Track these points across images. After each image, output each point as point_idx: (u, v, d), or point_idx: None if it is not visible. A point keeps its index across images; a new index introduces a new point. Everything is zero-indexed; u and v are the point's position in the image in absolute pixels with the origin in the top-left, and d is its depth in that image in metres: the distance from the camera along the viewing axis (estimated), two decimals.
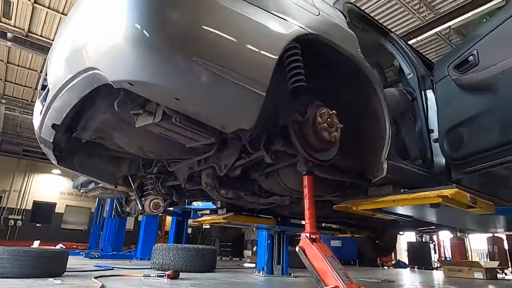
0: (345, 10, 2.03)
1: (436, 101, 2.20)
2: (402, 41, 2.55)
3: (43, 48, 7.72)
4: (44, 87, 1.66)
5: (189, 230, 12.04)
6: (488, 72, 1.82)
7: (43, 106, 1.64)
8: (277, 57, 1.34)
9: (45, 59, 4.26)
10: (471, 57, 1.89)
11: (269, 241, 4.87)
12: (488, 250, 9.03)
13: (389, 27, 2.51)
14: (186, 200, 3.14)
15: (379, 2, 6.56)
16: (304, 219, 1.66)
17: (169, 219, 10.60)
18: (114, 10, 1.19)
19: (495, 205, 1.94)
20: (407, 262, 10.25)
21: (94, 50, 1.22)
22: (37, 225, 15.41)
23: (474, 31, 1.92)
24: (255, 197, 2.39)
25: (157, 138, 1.66)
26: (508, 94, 1.76)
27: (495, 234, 7.62)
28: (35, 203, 15.88)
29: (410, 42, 2.46)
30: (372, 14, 4.36)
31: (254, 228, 4.94)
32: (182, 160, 2.08)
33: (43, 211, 15.82)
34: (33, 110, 1.93)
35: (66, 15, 6.62)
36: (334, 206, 2.13)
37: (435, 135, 2.20)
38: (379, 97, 1.82)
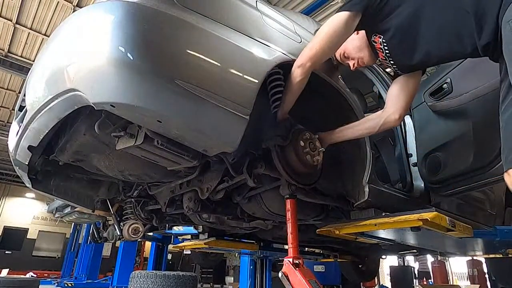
0: None
1: (414, 126, 2.28)
2: (380, 68, 2.66)
3: (23, 68, 7.60)
4: (21, 108, 1.62)
5: (169, 256, 11.67)
6: (461, 100, 1.90)
7: (19, 127, 1.60)
8: (260, 81, 1.37)
9: (24, 80, 4.18)
10: (445, 84, 1.99)
11: (251, 267, 4.77)
12: (468, 273, 9.12)
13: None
14: (167, 225, 3.05)
15: None
16: (287, 244, 1.64)
17: (148, 244, 10.26)
18: (98, 32, 1.19)
19: (473, 228, 1.98)
20: (390, 287, 10.19)
21: (76, 71, 1.21)
22: (6, 252, 14.55)
23: None
24: (238, 221, 2.35)
25: (138, 161, 1.63)
26: (479, 120, 1.84)
27: (475, 258, 7.72)
28: (5, 228, 15.08)
29: (387, 70, 2.56)
30: None
31: (237, 254, 4.84)
32: (163, 183, 2.04)
33: (13, 237, 15.01)
34: (8, 132, 1.87)
35: (48, 36, 6.58)
36: (317, 230, 2.12)
37: (414, 159, 2.25)
38: None
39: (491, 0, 1.18)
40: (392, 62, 1.51)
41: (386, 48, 1.47)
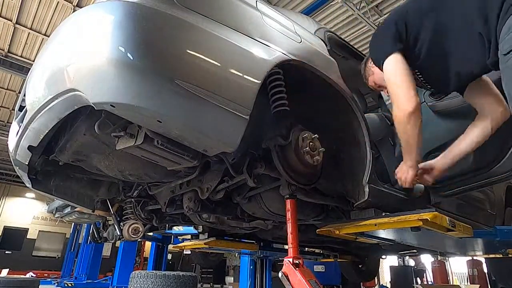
0: (325, 38, 2.11)
1: None
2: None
3: (23, 68, 7.61)
4: (21, 108, 1.62)
5: (169, 256, 11.67)
6: (461, 100, 1.90)
7: (19, 127, 1.60)
8: (261, 81, 1.37)
9: (24, 80, 4.18)
10: None
11: (251, 267, 4.77)
12: (468, 274, 9.11)
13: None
14: (167, 225, 3.05)
15: (359, 31, 6.86)
16: (287, 244, 1.64)
17: (148, 244, 10.25)
18: (98, 32, 1.19)
19: (473, 228, 1.98)
20: (389, 287, 10.19)
21: (76, 71, 1.21)
22: (6, 252, 14.55)
23: None
24: (238, 221, 2.35)
25: (138, 161, 1.63)
26: None
27: (474, 258, 7.71)
28: (5, 228, 15.07)
29: None
30: (352, 43, 4.55)
31: (237, 254, 4.84)
32: (163, 183, 2.04)
33: (13, 237, 15.01)
34: (8, 132, 1.87)
35: (48, 36, 6.58)
36: (317, 230, 2.12)
37: None
38: (360, 122, 1.87)
39: (493, 22, 1.33)
40: (429, 87, 1.74)
41: (420, 76, 1.65)
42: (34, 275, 8.81)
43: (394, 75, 1.60)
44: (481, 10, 1.38)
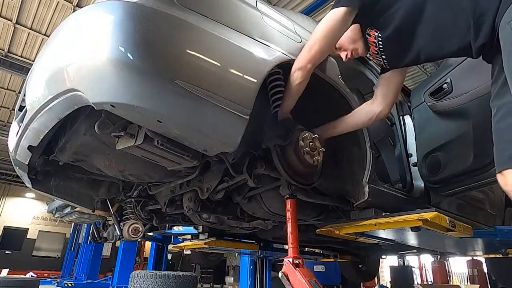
0: None
1: (414, 126, 2.28)
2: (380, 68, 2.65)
3: (23, 68, 7.60)
4: (21, 108, 1.62)
5: (169, 256, 11.66)
6: (461, 100, 1.90)
7: (19, 127, 1.60)
8: (261, 81, 1.37)
9: (24, 80, 4.18)
10: (445, 84, 1.99)
11: (251, 267, 4.77)
12: (468, 274, 9.11)
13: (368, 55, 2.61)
14: (167, 225, 3.05)
15: None
16: (287, 244, 1.64)
17: (148, 244, 10.26)
18: (98, 32, 1.19)
19: (473, 228, 1.98)
20: (389, 287, 10.19)
21: (76, 71, 1.21)
22: (6, 252, 14.54)
23: (447, 61, 2.02)
24: (238, 221, 2.35)
25: (138, 161, 1.63)
26: (479, 120, 1.84)
27: (475, 258, 7.71)
28: (5, 228, 15.07)
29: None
30: None
31: (237, 254, 4.84)
32: (163, 183, 2.04)
33: (13, 237, 15.00)
34: (8, 132, 1.87)
35: (48, 36, 6.58)
36: (317, 230, 2.12)
37: (413, 159, 2.25)
38: None
39: (490, 0, 1.17)
40: (384, 57, 1.51)
41: (380, 43, 1.46)
42: (34, 275, 8.81)
43: (320, 26, 1.48)
44: None
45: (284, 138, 1.62)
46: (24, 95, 1.57)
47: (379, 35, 1.44)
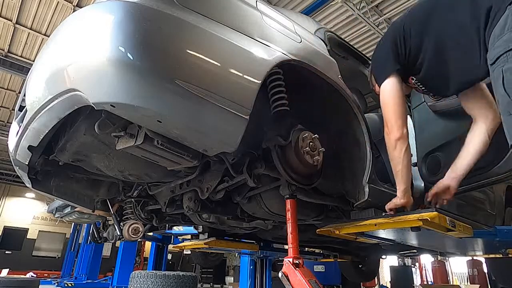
0: (325, 38, 2.11)
1: (414, 126, 2.27)
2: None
3: (23, 68, 7.61)
4: (21, 108, 1.62)
5: (169, 256, 11.66)
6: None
7: (19, 127, 1.60)
8: (261, 81, 1.37)
9: (24, 80, 4.18)
10: None
11: (251, 267, 4.76)
12: (468, 274, 9.11)
13: (368, 55, 2.61)
14: (167, 225, 3.05)
15: (359, 31, 6.86)
16: (287, 244, 1.64)
17: (148, 244, 10.26)
18: (97, 32, 1.19)
19: (473, 228, 1.98)
20: (389, 287, 10.18)
21: (76, 71, 1.21)
22: (6, 252, 14.55)
23: None
24: (238, 221, 2.35)
25: (138, 161, 1.63)
26: None
27: (475, 258, 7.71)
28: (5, 228, 15.07)
29: None
30: (352, 43, 4.55)
31: (237, 254, 4.84)
32: (163, 183, 2.04)
33: (13, 237, 15.01)
34: (8, 132, 1.87)
35: (48, 36, 6.58)
36: (317, 230, 2.12)
37: (414, 159, 2.25)
38: (360, 122, 1.87)
39: (482, 28, 1.35)
40: (431, 94, 1.82)
41: (420, 85, 1.72)
42: (34, 275, 8.81)
43: (387, 100, 1.68)
44: (473, 13, 1.40)
45: (284, 138, 1.62)
46: (24, 95, 1.57)
47: (416, 81, 1.72)
